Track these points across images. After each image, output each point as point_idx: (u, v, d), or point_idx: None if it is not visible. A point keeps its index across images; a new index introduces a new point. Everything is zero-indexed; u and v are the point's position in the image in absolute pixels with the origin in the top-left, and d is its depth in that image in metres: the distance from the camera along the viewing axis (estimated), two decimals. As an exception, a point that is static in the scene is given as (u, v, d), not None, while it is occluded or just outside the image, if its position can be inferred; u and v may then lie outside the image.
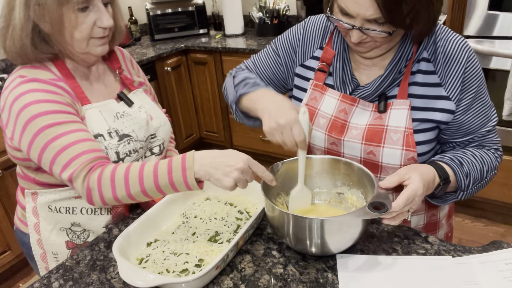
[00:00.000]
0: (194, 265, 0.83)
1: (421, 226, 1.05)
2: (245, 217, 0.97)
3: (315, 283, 0.78)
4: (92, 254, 0.94)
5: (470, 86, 0.88)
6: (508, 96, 1.87)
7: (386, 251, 0.85)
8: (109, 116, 1.00)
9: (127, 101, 1.06)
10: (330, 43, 0.97)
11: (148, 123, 1.07)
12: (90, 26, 0.91)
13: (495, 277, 0.74)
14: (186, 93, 3.15)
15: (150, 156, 1.09)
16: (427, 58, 0.88)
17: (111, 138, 0.98)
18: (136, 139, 1.02)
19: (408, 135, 0.88)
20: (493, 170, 0.94)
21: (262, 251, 0.88)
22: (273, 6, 2.92)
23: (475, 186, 0.93)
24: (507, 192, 2.14)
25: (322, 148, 0.98)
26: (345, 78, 0.94)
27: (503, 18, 1.85)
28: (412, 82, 0.89)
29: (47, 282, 0.86)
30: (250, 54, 2.72)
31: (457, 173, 0.88)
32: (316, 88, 0.98)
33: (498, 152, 0.95)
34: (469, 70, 0.87)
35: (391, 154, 0.89)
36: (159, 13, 3.17)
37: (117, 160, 0.98)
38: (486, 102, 0.91)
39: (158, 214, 0.96)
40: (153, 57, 2.75)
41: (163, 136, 1.13)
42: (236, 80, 1.00)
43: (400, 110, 0.89)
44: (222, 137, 3.26)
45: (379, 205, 0.74)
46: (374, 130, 0.90)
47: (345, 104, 0.94)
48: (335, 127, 0.95)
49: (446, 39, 0.88)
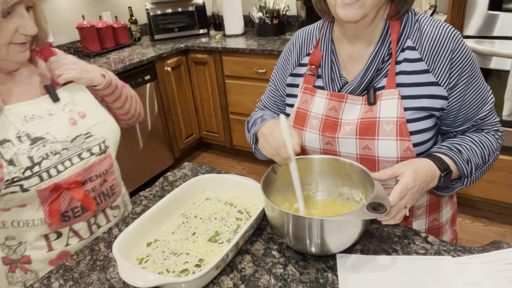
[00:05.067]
0: (194, 265, 0.83)
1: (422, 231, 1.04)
2: (245, 217, 0.97)
3: (315, 283, 0.78)
4: (92, 254, 0.94)
5: (463, 71, 0.87)
6: (508, 96, 1.87)
7: (386, 251, 0.85)
8: (16, 120, 0.93)
9: (53, 95, 1.00)
10: (318, 47, 0.99)
11: (75, 122, 1.01)
12: (12, 32, 0.87)
13: (495, 277, 0.74)
14: (186, 93, 3.15)
15: (89, 156, 1.02)
16: (412, 46, 0.89)
17: (21, 143, 0.91)
18: (54, 140, 0.96)
19: (401, 124, 0.87)
20: (494, 152, 0.93)
21: (262, 251, 0.88)
22: (273, 6, 2.92)
23: (479, 171, 0.92)
24: (507, 192, 2.14)
25: (318, 149, 0.98)
26: (333, 76, 0.96)
27: (503, 18, 1.85)
28: (399, 72, 0.89)
29: (47, 282, 0.86)
30: (250, 54, 2.72)
31: (457, 162, 0.87)
32: (306, 91, 1.00)
33: (498, 133, 0.95)
34: (457, 54, 0.86)
35: (386, 146, 0.89)
36: (159, 13, 3.17)
37: (32, 165, 0.91)
38: (481, 84, 0.91)
39: (158, 214, 0.96)
40: (153, 57, 2.75)
41: (102, 134, 1.06)
42: (250, 124, 1.07)
43: (390, 100, 0.88)
44: (222, 137, 3.26)
45: (377, 206, 0.74)
46: (366, 123, 0.90)
47: (334, 101, 0.95)
48: (328, 126, 0.95)
49: (432, 25, 0.88)
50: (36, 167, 0.92)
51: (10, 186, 0.89)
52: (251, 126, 1.05)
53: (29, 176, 0.91)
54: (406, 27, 0.89)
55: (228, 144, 3.27)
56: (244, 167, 3.23)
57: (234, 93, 2.98)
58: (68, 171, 0.98)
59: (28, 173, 0.90)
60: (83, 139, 1.02)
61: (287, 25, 3.14)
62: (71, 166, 0.98)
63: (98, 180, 1.05)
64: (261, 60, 2.70)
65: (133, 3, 3.41)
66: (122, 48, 3.07)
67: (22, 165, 0.90)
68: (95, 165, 1.04)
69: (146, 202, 1.13)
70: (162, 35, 3.24)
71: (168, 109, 3.01)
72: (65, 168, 0.97)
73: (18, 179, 0.89)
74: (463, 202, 2.38)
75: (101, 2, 3.18)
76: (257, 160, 3.27)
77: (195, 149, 3.55)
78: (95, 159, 1.04)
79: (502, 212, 2.28)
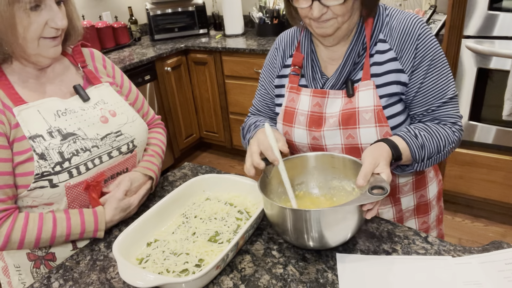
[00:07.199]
0: (194, 265, 0.83)
1: (412, 208, 1.10)
2: (245, 217, 0.97)
3: (315, 283, 0.78)
4: (92, 254, 0.94)
5: (424, 58, 0.93)
6: (508, 96, 1.87)
7: (386, 251, 0.85)
8: (48, 115, 0.94)
9: (83, 95, 1.01)
10: (299, 48, 1.06)
11: (107, 120, 1.02)
12: (42, 26, 0.87)
13: (495, 277, 0.74)
14: (186, 93, 3.15)
15: (118, 155, 1.04)
16: (383, 39, 0.96)
17: (52, 138, 0.92)
18: (84, 137, 0.97)
19: (378, 112, 0.94)
20: (451, 143, 0.96)
21: (262, 251, 0.88)
22: (273, 6, 2.92)
23: (432, 159, 0.95)
24: (507, 192, 2.14)
25: (306, 144, 1.04)
26: (315, 75, 1.02)
27: (503, 18, 1.85)
28: (373, 63, 0.96)
29: (47, 282, 0.86)
30: (250, 54, 2.72)
31: (411, 146, 0.91)
32: (292, 90, 1.06)
33: (456, 126, 0.97)
34: (421, 42, 0.92)
35: (367, 133, 0.95)
36: (159, 13, 3.17)
37: (62, 160, 0.92)
38: (443, 74, 0.94)
39: (158, 214, 0.96)
40: (153, 57, 2.76)
41: (131, 133, 1.07)
42: (244, 131, 1.14)
43: (366, 91, 0.95)
44: (222, 137, 3.26)
45: (378, 189, 0.76)
46: (347, 114, 0.96)
47: (317, 98, 1.01)
48: (313, 121, 1.01)
49: (400, 18, 0.95)
50: (66, 163, 0.93)
51: (39, 180, 0.90)
52: (245, 132, 1.13)
53: (58, 172, 0.92)
54: (378, 22, 0.96)
55: (228, 144, 3.27)
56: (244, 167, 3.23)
57: (234, 93, 2.98)
58: (96, 168, 0.99)
59: (58, 168, 0.92)
60: (114, 138, 1.03)
61: (287, 25, 3.14)
62: (100, 164, 1.00)
63: (119, 178, 1.07)
64: (261, 60, 2.70)
65: (133, 3, 3.41)
66: (122, 48, 3.07)
67: (52, 160, 0.91)
68: (120, 164, 1.06)
69: (146, 202, 1.13)
70: (162, 35, 3.24)
71: (168, 109, 3.01)
72: (94, 165, 0.98)
73: (48, 173, 0.91)
74: (463, 202, 2.39)
75: (101, 2, 3.18)
76: (257, 160, 3.26)
77: (195, 149, 3.55)
78: (122, 158, 1.06)
79: (502, 212, 2.28)
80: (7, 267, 1.06)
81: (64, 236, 0.94)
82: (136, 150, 1.10)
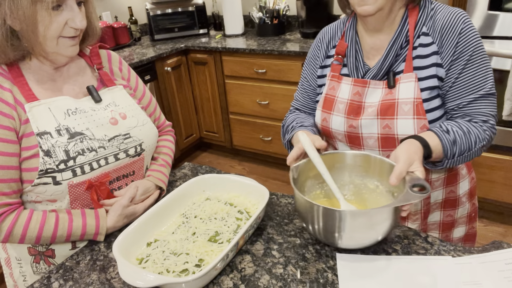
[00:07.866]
0: (194, 265, 0.83)
1: (440, 201, 1.11)
2: (245, 217, 0.97)
3: (315, 283, 0.78)
4: (92, 254, 0.94)
5: (462, 53, 0.93)
6: (508, 96, 1.87)
7: (386, 251, 0.85)
8: (59, 113, 0.95)
9: (95, 96, 1.03)
10: (343, 38, 1.08)
11: (116, 122, 1.03)
12: (62, 25, 0.89)
13: (495, 277, 0.74)
14: (186, 93, 3.15)
15: (124, 158, 1.04)
16: (426, 32, 0.97)
17: (60, 136, 0.93)
18: (92, 137, 0.98)
19: (418, 104, 0.95)
20: (481, 141, 0.95)
21: (262, 251, 0.88)
22: (273, 6, 2.92)
23: (463, 155, 0.95)
24: (507, 192, 2.14)
25: (342, 131, 1.06)
26: (358, 64, 1.05)
27: (503, 18, 1.85)
28: (416, 56, 0.97)
29: (47, 282, 0.86)
30: (250, 54, 2.72)
31: (444, 141, 0.91)
32: (333, 79, 1.09)
33: (487, 124, 0.96)
34: (463, 38, 0.92)
35: (405, 125, 0.96)
36: (159, 13, 3.17)
37: (67, 158, 0.93)
38: (480, 70, 0.94)
39: (158, 214, 0.96)
40: (153, 57, 2.76)
41: (140, 137, 1.07)
42: (284, 129, 1.16)
43: (407, 83, 0.96)
44: (222, 137, 3.26)
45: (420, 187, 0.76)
46: (387, 104, 0.98)
47: (358, 87, 1.03)
48: (353, 109, 1.04)
49: (445, 12, 0.96)
50: (70, 162, 0.94)
51: (43, 176, 0.91)
52: (285, 132, 1.14)
53: (62, 169, 0.92)
54: (422, 15, 0.97)
55: (228, 144, 3.27)
56: (244, 167, 3.23)
57: (234, 93, 2.98)
58: (101, 169, 0.99)
59: (62, 166, 0.92)
60: (122, 140, 1.04)
61: (287, 25, 3.14)
62: (105, 165, 1.00)
63: (124, 180, 1.07)
64: (261, 60, 2.70)
65: (133, 3, 3.41)
66: (122, 48, 3.07)
67: (58, 157, 0.92)
68: (126, 166, 1.06)
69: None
70: (162, 35, 3.24)
71: (168, 109, 3.01)
72: (99, 166, 0.99)
73: (52, 170, 0.91)
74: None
75: (101, 2, 3.18)
76: (257, 160, 3.27)
77: (195, 149, 3.55)
78: (128, 160, 1.06)
79: (502, 212, 2.28)
80: (9, 259, 1.08)
81: (64, 236, 0.95)
82: (144, 153, 1.10)
